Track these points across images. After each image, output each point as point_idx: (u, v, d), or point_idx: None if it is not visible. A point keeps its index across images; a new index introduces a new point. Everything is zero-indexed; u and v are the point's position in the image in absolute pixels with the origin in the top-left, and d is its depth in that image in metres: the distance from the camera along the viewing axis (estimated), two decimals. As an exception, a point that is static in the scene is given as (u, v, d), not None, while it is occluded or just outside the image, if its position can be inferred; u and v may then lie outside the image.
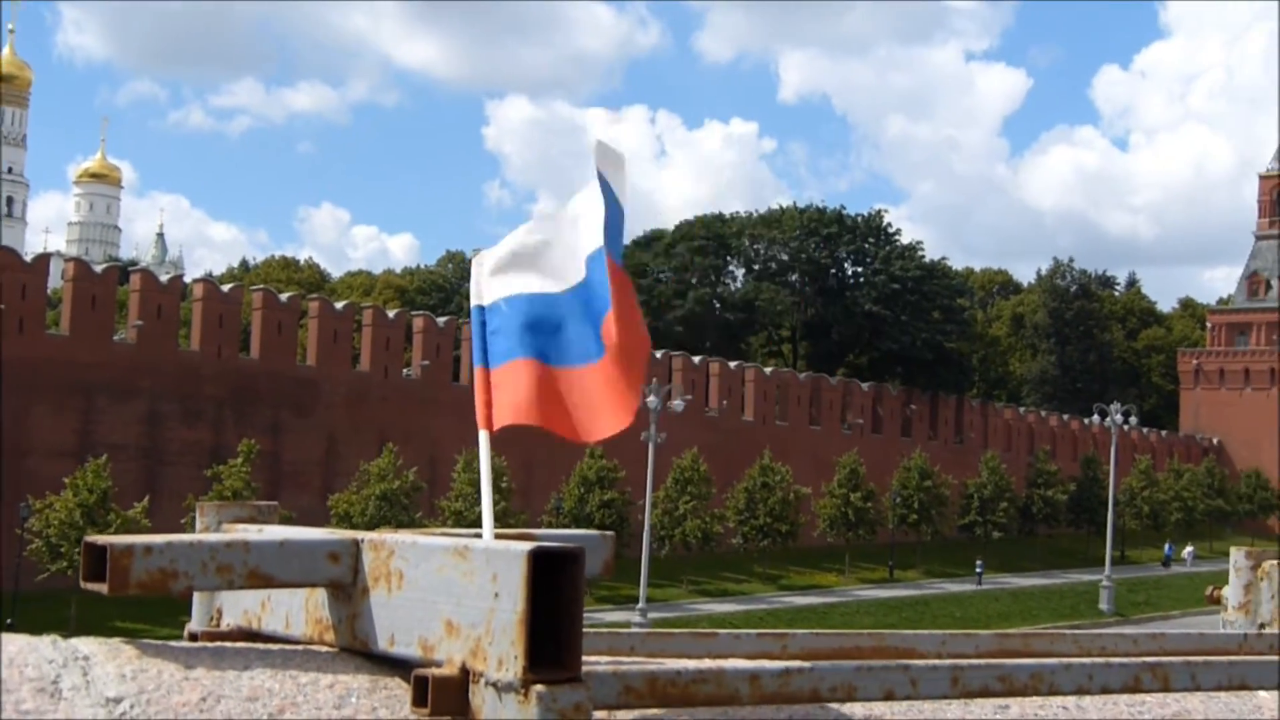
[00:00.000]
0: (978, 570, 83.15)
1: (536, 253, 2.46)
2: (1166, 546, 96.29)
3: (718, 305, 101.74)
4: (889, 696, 1.90)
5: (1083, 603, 76.78)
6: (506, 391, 2.37)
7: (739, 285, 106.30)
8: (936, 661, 1.99)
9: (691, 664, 1.82)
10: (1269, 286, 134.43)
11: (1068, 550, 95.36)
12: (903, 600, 72.73)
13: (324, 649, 1.95)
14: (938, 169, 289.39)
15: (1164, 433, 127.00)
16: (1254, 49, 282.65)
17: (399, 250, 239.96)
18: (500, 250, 2.51)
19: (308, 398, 68.01)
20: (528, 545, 1.66)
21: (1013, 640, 2.86)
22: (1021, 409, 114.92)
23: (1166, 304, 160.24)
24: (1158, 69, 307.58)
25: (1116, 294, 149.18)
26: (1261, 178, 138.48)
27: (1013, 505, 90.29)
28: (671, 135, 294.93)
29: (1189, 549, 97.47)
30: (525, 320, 2.40)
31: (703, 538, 69.99)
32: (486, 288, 2.48)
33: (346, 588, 1.90)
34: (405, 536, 1.86)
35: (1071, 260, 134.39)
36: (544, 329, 2.37)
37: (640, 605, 58.67)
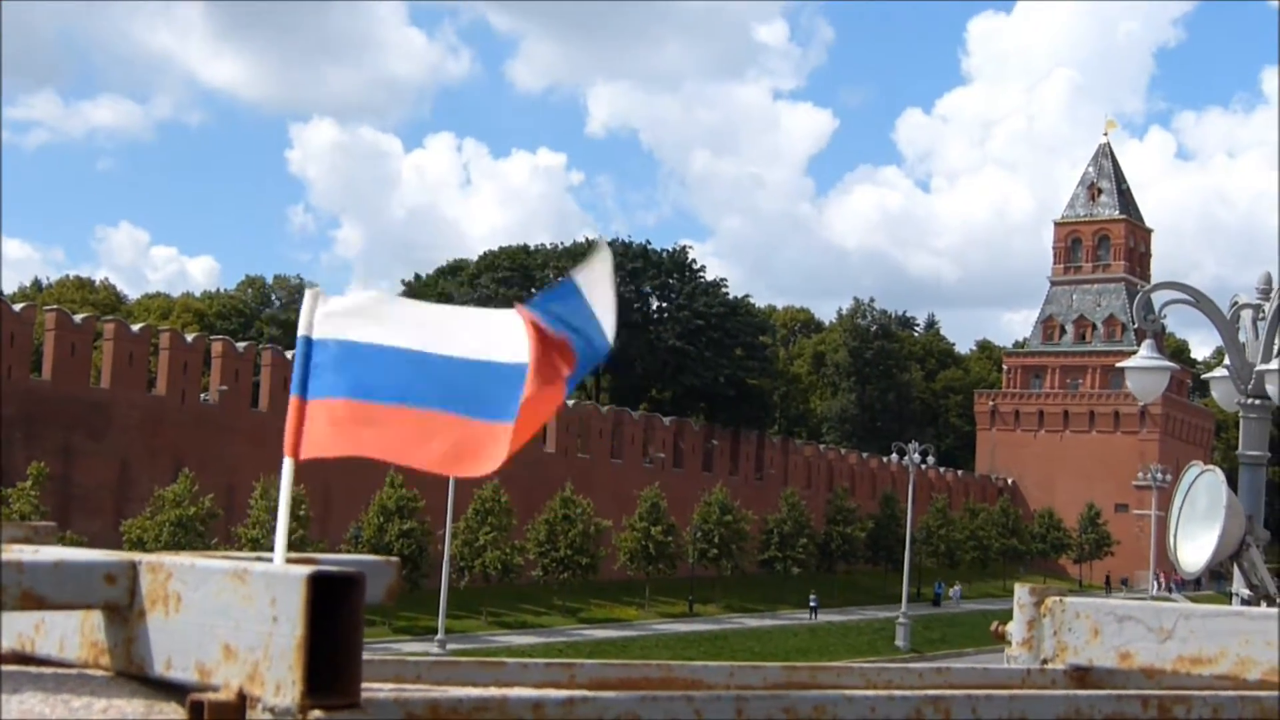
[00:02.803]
0: (812, 604, 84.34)
1: (393, 313, 2.48)
2: (937, 585, 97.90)
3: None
4: (673, 725, 1.90)
5: (880, 639, 77.94)
6: (319, 425, 2.37)
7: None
8: (721, 692, 1.99)
9: (475, 692, 1.80)
10: (1063, 331, 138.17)
11: (866, 587, 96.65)
12: (701, 635, 73.13)
13: (99, 673, 1.90)
14: (743, 206, 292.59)
15: (960, 472, 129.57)
16: (1052, 98, 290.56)
17: (199, 273, 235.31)
18: (345, 299, 2.52)
19: (101, 421, 66.45)
20: (307, 569, 1.63)
21: (800, 673, 2.88)
22: (821, 446, 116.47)
23: (965, 346, 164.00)
24: (959, 114, 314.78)
25: (916, 335, 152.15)
26: (1057, 224, 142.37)
27: (812, 541, 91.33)
28: (478, 164, 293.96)
29: (956, 588, 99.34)
30: (356, 363, 2.41)
31: (503, 569, 69.71)
32: (319, 323, 2.47)
33: (123, 610, 1.85)
34: (184, 559, 1.82)
35: (872, 300, 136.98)
36: (382, 373, 2.39)
37: (439, 636, 58.29)
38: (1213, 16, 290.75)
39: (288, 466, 2.37)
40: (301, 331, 2.46)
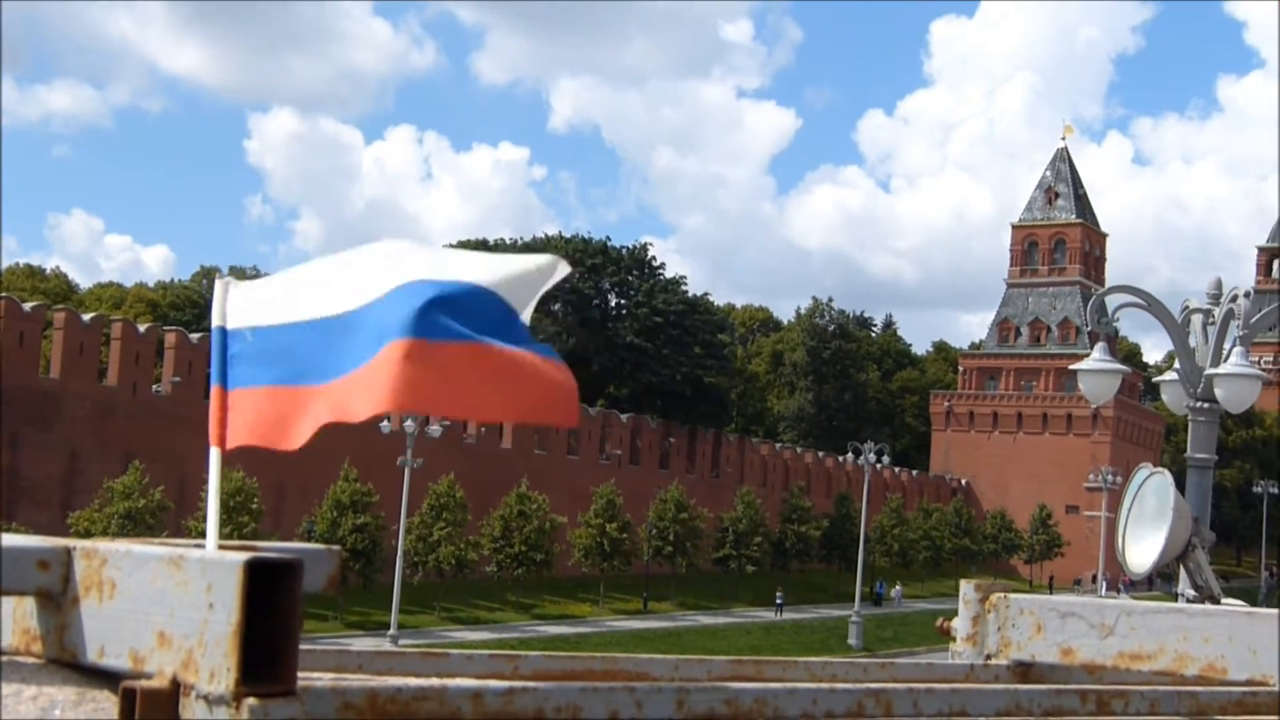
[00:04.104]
0: (778, 601, 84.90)
1: (299, 288, 2.45)
2: (878, 584, 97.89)
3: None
4: (613, 717, 1.89)
5: (833, 638, 78.20)
6: (242, 414, 2.37)
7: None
8: (663, 684, 1.99)
9: (414, 681, 1.79)
10: (1019, 333, 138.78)
11: (820, 585, 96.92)
12: (656, 632, 73.16)
13: (30, 660, 1.88)
14: (705, 204, 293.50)
15: (915, 472, 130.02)
16: (1012, 102, 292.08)
17: (153, 263, 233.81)
18: (255, 284, 2.52)
19: (50, 412, 65.83)
20: (244, 555, 1.62)
21: (746, 666, 2.89)
22: (778, 445, 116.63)
23: (922, 347, 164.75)
24: (920, 116, 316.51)
25: (873, 335, 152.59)
26: (1014, 227, 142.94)
27: (767, 540, 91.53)
28: (439, 157, 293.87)
29: (897, 587, 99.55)
30: (272, 350, 2.39)
31: (457, 565, 69.59)
32: (231, 311, 2.46)
33: (56, 597, 1.83)
34: (119, 545, 1.80)
35: (830, 300, 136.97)
36: (295, 356, 2.37)
37: (391, 632, 58.10)
38: (1171, 24, 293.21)
39: (214, 456, 2.37)
40: (216, 322, 2.46)
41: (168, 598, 1.69)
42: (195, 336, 75.19)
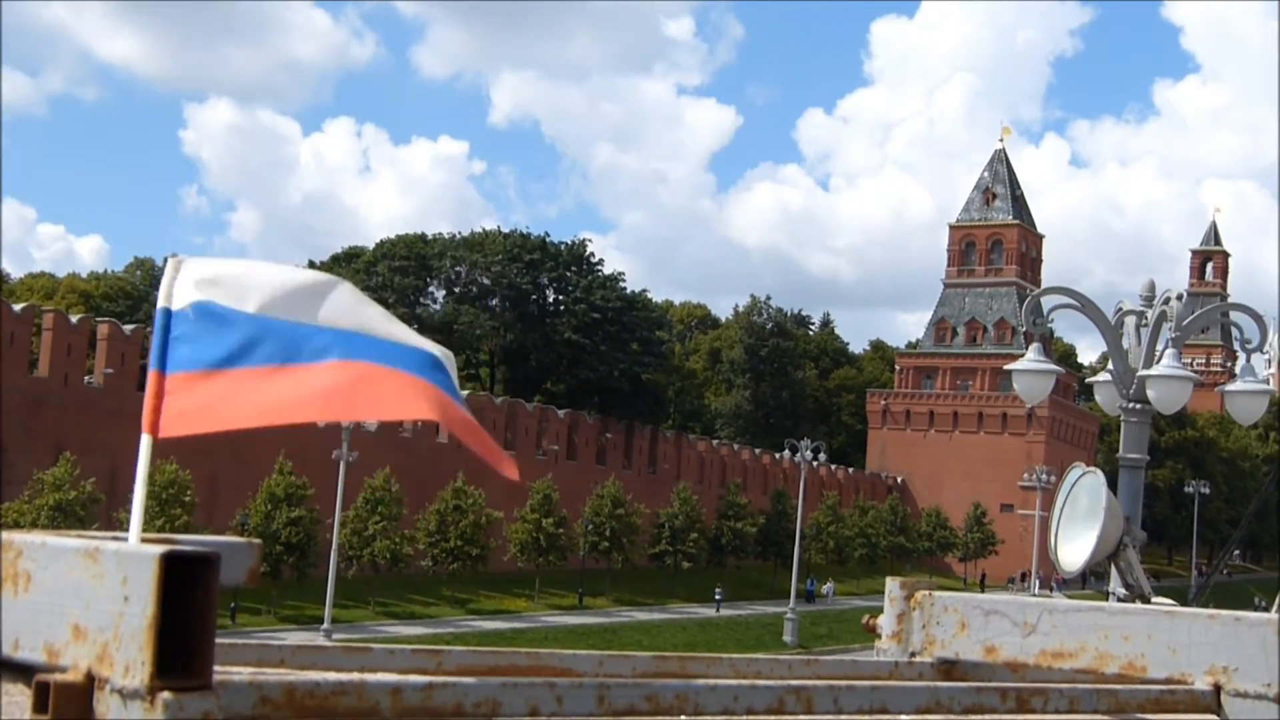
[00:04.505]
0: (717, 597, 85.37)
1: (251, 279, 2.42)
2: (809, 581, 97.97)
3: (416, 326, 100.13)
4: (534, 713, 1.89)
5: (768, 634, 78.39)
6: (179, 399, 2.32)
7: (438, 307, 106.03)
8: (584, 680, 1.99)
9: (333, 676, 1.78)
10: (955, 333, 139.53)
11: (755, 582, 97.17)
12: (591, 628, 73.12)
13: (-56, 654, 1.86)
14: (645, 200, 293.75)
15: (851, 470, 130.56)
16: (952, 102, 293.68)
17: (87, 253, 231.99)
18: (207, 264, 2.46)
19: (-19, 403, 65.10)
20: (160, 548, 1.61)
21: (670, 663, 2.89)
22: (715, 442, 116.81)
23: (859, 345, 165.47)
24: (860, 115, 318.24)
25: (811, 333, 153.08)
26: (951, 227, 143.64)
27: (703, 536, 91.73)
28: (378, 150, 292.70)
29: (829, 584, 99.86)
30: (216, 331, 2.34)
31: (392, 559, 69.37)
32: (178, 292, 2.41)
33: (-31, 589, 1.82)
34: (35, 536, 1.78)
35: (769, 298, 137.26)
36: (239, 340, 2.33)
37: (325, 626, 57.86)
38: (1109, 28, 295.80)
39: (145, 444, 2.31)
40: (161, 303, 2.39)
41: (84, 590, 1.68)
42: (129, 328, 74.57)
